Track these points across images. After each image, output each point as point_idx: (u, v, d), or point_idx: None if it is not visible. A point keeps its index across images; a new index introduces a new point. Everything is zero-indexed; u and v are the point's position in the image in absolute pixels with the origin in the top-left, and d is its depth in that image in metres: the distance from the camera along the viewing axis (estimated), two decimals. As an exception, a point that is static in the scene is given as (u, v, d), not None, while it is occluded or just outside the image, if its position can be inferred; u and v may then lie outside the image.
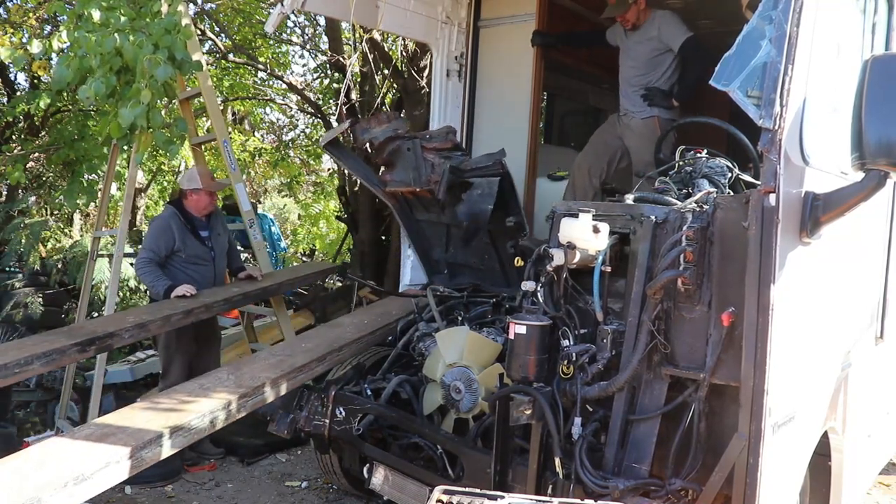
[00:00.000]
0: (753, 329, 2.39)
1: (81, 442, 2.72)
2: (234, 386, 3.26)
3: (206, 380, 3.40)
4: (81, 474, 2.44)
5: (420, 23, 5.22)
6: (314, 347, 3.85)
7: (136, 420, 2.89)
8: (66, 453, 2.61)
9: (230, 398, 3.12)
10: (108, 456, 2.56)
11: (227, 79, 10.73)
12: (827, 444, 3.12)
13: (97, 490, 2.52)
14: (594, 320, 2.91)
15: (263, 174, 14.69)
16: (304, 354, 3.72)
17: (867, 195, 2.42)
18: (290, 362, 3.58)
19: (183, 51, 4.33)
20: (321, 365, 3.73)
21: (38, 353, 3.57)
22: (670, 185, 3.11)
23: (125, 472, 2.61)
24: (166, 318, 4.26)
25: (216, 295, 4.73)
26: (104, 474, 2.52)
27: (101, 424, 2.90)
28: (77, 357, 3.92)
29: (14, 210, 9.20)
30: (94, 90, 4.12)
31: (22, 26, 7.78)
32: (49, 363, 3.67)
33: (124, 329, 4.03)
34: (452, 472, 3.39)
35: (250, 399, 3.23)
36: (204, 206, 5.03)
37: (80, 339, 3.80)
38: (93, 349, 3.91)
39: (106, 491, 4.48)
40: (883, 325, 3.57)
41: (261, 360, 3.68)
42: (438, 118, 5.49)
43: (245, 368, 3.53)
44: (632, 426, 2.78)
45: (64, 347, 3.70)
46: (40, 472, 2.46)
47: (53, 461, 2.54)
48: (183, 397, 3.15)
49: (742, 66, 2.40)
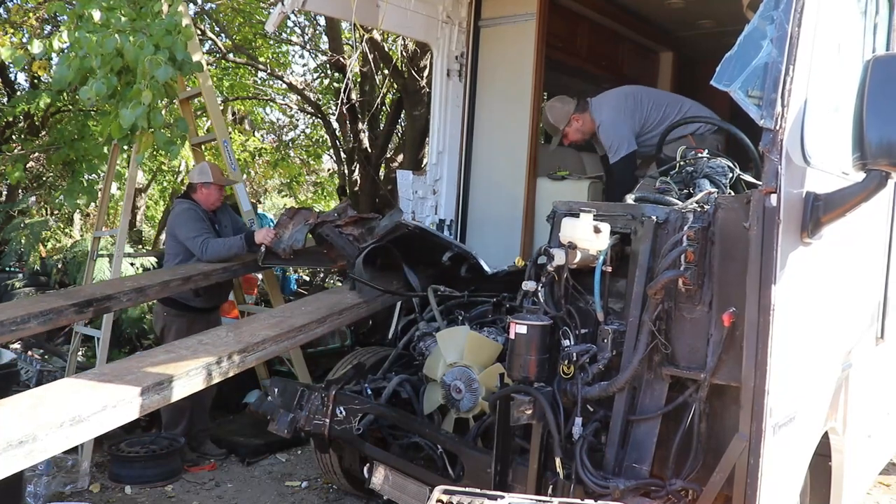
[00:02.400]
0: (754, 329, 2.39)
1: (82, 385, 2.73)
2: (233, 342, 3.25)
3: (205, 336, 3.39)
4: (78, 415, 2.44)
5: (420, 22, 5.22)
6: (314, 310, 3.83)
7: (136, 369, 2.89)
8: (65, 395, 2.62)
9: (230, 351, 3.12)
10: (105, 400, 2.56)
11: (227, 79, 10.73)
12: (827, 445, 3.12)
13: (94, 432, 2.55)
14: (595, 320, 2.91)
15: (263, 174, 14.69)
16: (303, 316, 3.71)
17: (868, 195, 2.42)
18: (290, 322, 3.57)
19: (183, 51, 4.33)
20: (321, 326, 3.71)
21: (35, 312, 3.56)
22: (671, 185, 3.11)
23: (122, 417, 2.62)
24: (165, 284, 4.26)
25: (215, 264, 4.81)
26: (101, 417, 2.52)
27: (103, 371, 2.93)
28: (74, 318, 3.88)
29: (14, 210, 9.21)
30: (95, 90, 4.12)
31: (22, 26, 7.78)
32: (46, 322, 3.65)
33: (122, 292, 4.03)
34: (452, 471, 3.39)
35: (249, 355, 3.21)
36: (213, 200, 5.11)
37: (77, 300, 3.79)
38: (90, 311, 3.90)
39: (106, 491, 4.54)
40: (883, 325, 3.57)
41: (260, 321, 3.67)
42: (438, 118, 5.49)
43: (244, 327, 3.53)
44: (632, 426, 2.78)
45: (61, 307, 3.69)
46: (38, 410, 2.47)
47: (53, 401, 2.56)
48: (182, 351, 3.14)
49: (743, 67, 2.41)
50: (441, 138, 5.47)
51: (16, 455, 2.25)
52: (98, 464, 4.85)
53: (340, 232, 4.50)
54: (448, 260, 4.07)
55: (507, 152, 5.40)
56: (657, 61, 6.87)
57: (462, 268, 4.10)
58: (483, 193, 5.58)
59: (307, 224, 4.65)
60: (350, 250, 4.40)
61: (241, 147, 12.33)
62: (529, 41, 5.24)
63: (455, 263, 4.10)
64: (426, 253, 4.19)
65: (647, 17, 6.23)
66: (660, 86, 6.76)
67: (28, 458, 2.30)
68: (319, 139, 12.80)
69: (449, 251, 4.06)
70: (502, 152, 5.46)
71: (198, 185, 5.08)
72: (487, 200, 5.56)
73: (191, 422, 5.07)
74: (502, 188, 5.46)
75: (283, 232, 4.74)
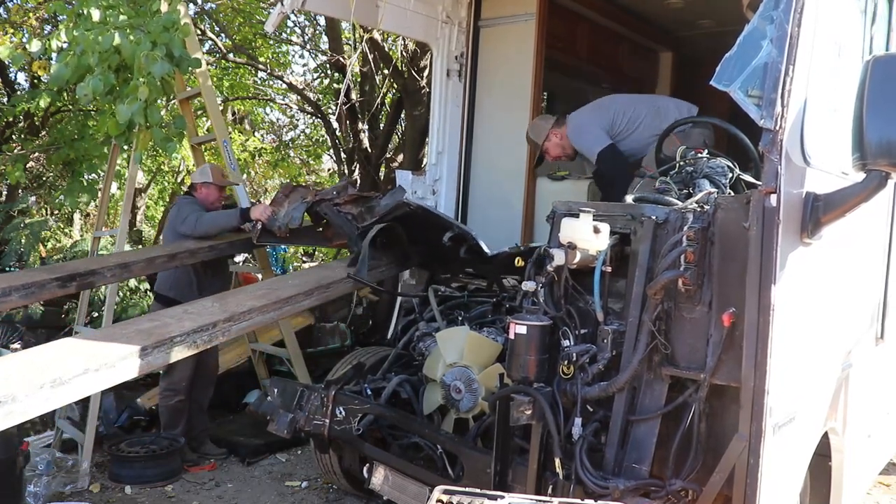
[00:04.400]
0: (754, 329, 2.39)
1: (67, 348, 2.75)
2: (219, 311, 3.23)
3: (190, 306, 3.38)
4: (59, 378, 2.45)
5: (420, 22, 5.22)
6: (301, 283, 3.80)
7: (121, 335, 2.89)
8: (48, 358, 2.63)
9: (215, 319, 3.10)
10: (87, 363, 2.56)
11: (227, 79, 10.73)
12: (827, 445, 3.12)
13: (75, 395, 2.55)
14: (594, 320, 2.90)
15: (263, 174, 14.68)
16: (291, 288, 3.67)
17: (868, 196, 2.42)
18: (277, 294, 3.54)
19: (181, 48, 4.33)
20: (308, 299, 3.68)
21: (17, 285, 3.52)
22: (671, 185, 3.10)
23: (104, 381, 2.63)
24: (150, 260, 4.22)
25: (202, 242, 4.78)
26: (82, 380, 2.53)
27: (88, 336, 2.93)
28: (57, 292, 3.83)
29: (14, 210, 9.20)
30: (93, 88, 4.12)
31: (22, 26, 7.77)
32: (28, 296, 3.62)
33: (106, 268, 3.99)
34: (452, 472, 3.39)
35: (235, 324, 3.19)
36: (213, 200, 5.12)
37: (60, 274, 3.76)
38: (73, 285, 3.85)
39: (106, 491, 4.54)
40: (883, 325, 3.57)
41: (247, 293, 3.65)
42: (438, 118, 5.49)
43: (230, 298, 3.51)
44: (632, 426, 2.78)
45: (44, 281, 3.65)
46: (19, 372, 2.48)
47: (35, 363, 2.56)
48: (167, 319, 3.13)
49: (743, 67, 2.40)
50: (441, 138, 5.48)
51: None
52: (98, 464, 4.85)
53: (339, 210, 4.43)
54: (449, 240, 4.01)
55: (507, 152, 5.40)
56: (657, 61, 6.87)
57: (461, 249, 4.03)
58: (483, 193, 5.58)
59: (304, 202, 4.57)
60: (349, 229, 4.33)
61: (241, 147, 12.33)
62: (529, 41, 5.24)
63: (455, 244, 4.03)
64: (427, 233, 4.13)
65: (647, 18, 6.24)
66: (660, 86, 6.77)
67: (7, 418, 2.31)
68: (319, 139, 12.81)
69: (450, 231, 4.00)
70: (502, 152, 5.47)
71: (198, 184, 5.12)
72: (487, 200, 5.56)
73: (189, 422, 5.07)
74: (502, 188, 5.46)
75: (279, 209, 4.66)
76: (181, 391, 4.94)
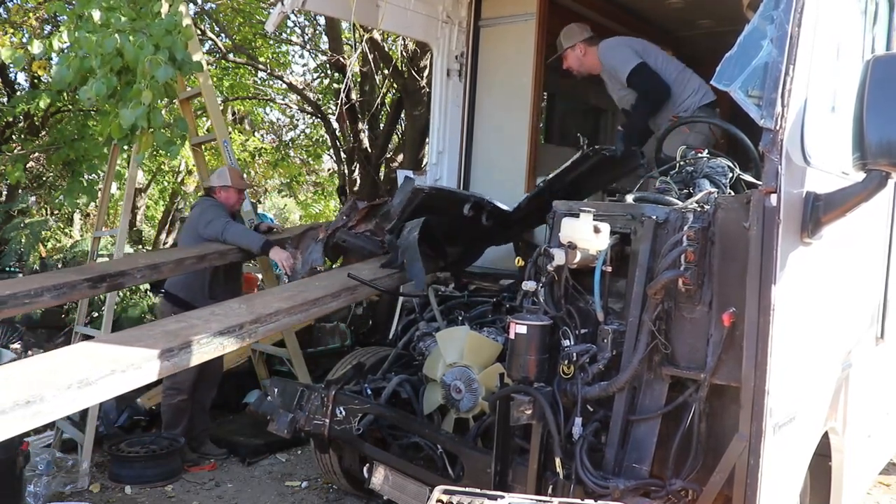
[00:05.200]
0: (754, 329, 2.39)
1: (93, 350, 2.75)
2: (246, 313, 3.23)
3: (217, 308, 3.38)
4: (86, 378, 2.45)
5: (420, 22, 5.22)
6: (328, 284, 3.81)
7: (146, 336, 2.90)
8: (75, 358, 2.65)
9: (242, 321, 3.10)
10: (114, 364, 2.56)
11: (227, 79, 10.73)
12: (827, 445, 3.12)
13: (102, 396, 2.55)
14: (595, 320, 2.90)
15: (263, 174, 14.69)
16: (318, 290, 3.68)
17: (868, 195, 2.42)
18: (304, 296, 3.55)
19: (183, 51, 4.33)
20: (336, 301, 3.69)
21: (49, 286, 3.55)
22: (671, 185, 3.11)
23: (131, 382, 2.62)
24: (179, 262, 4.25)
25: (230, 245, 4.83)
26: (109, 381, 2.52)
27: (114, 337, 2.95)
28: (87, 293, 3.88)
29: (14, 210, 9.21)
30: (95, 91, 4.12)
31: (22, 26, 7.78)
32: (59, 296, 3.66)
33: (136, 269, 4.04)
34: (452, 472, 3.39)
35: (262, 325, 3.19)
36: (233, 202, 5.19)
37: (90, 276, 3.79)
38: (104, 286, 3.89)
39: (106, 491, 4.54)
40: (883, 325, 3.57)
41: (273, 294, 3.68)
42: (438, 118, 5.49)
43: (257, 300, 3.53)
44: (632, 426, 2.78)
45: (75, 282, 3.68)
46: (47, 372, 2.48)
47: (62, 364, 2.57)
48: (193, 321, 3.13)
49: (743, 66, 2.40)
50: (441, 138, 5.47)
51: (23, 415, 2.25)
52: (98, 464, 4.85)
53: (356, 233, 4.46)
54: (470, 210, 4.01)
55: (507, 152, 5.40)
56: (657, 61, 6.85)
57: (482, 216, 4.05)
58: (483, 193, 5.57)
59: (319, 241, 4.61)
60: (372, 246, 4.35)
61: (241, 147, 12.34)
62: (529, 41, 5.24)
63: (477, 214, 4.04)
64: (448, 215, 4.11)
65: (647, 17, 6.22)
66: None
67: (35, 418, 2.30)
68: (319, 139, 12.81)
69: (468, 203, 4.01)
70: (502, 152, 5.47)
71: (217, 188, 5.16)
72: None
73: (191, 422, 5.07)
74: (502, 188, 5.45)
75: (296, 261, 4.71)
76: (185, 390, 4.94)
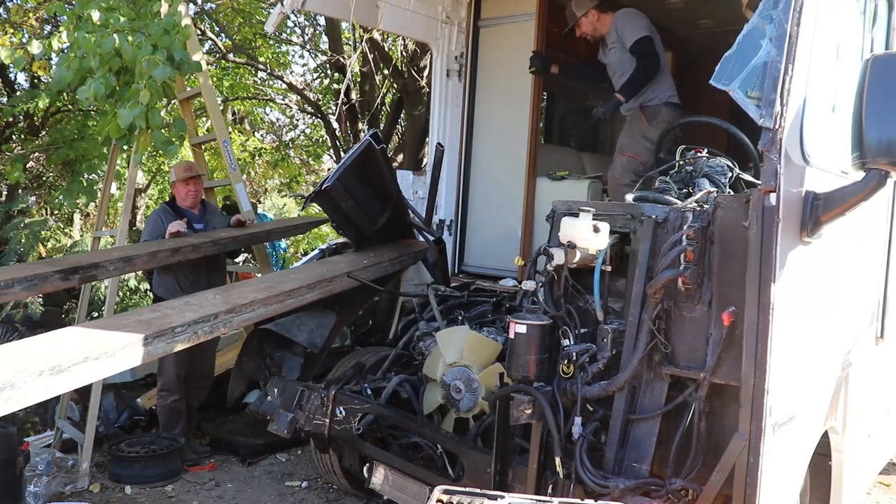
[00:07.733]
0: (754, 328, 2.39)
1: (67, 337, 2.75)
2: (220, 303, 3.23)
3: (192, 298, 3.39)
4: (59, 365, 2.46)
5: (420, 22, 5.23)
6: (304, 277, 3.82)
7: (121, 325, 2.89)
8: (49, 346, 2.64)
9: (216, 311, 3.11)
10: (87, 352, 2.57)
11: (227, 79, 10.75)
12: (827, 444, 3.12)
13: (74, 383, 2.55)
14: (594, 320, 2.91)
15: (263, 174, 14.70)
16: (293, 281, 3.70)
17: (868, 194, 2.42)
18: (280, 287, 3.56)
19: (182, 51, 4.33)
20: (311, 292, 3.69)
21: (20, 277, 3.52)
22: (671, 184, 3.11)
23: (104, 370, 2.63)
24: (152, 254, 4.21)
25: (206, 237, 4.74)
26: (81, 369, 2.54)
27: (89, 325, 2.94)
28: (59, 284, 3.82)
29: (14, 210, 9.21)
30: (94, 91, 4.12)
31: (22, 26, 7.78)
32: (31, 288, 3.62)
33: (109, 261, 3.99)
34: (452, 471, 3.38)
35: (236, 315, 3.19)
36: (184, 195, 5.04)
37: (62, 267, 3.76)
38: (76, 278, 3.84)
39: (106, 491, 4.54)
40: (883, 324, 3.57)
41: (249, 285, 3.67)
42: (438, 118, 5.49)
43: (233, 291, 3.52)
44: (632, 426, 2.78)
45: (46, 273, 3.65)
46: (20, 359, 2.49)
47: (35, 351, 2.58)
48: (168, 311, 3.14)
49: (742, 66, 2.40)
50: (441, 138, 5.47)
51: None
52: (98, 464, 4.85)
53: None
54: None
55: (507, 152, 5.41)
56: (657, 61, 6.85)
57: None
58: (483, 193, 5.58)
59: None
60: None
61: (241, 147, 12.34)
62: (529, 41, 5.24)
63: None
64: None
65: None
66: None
67: (7, 403, 2.32)
68: (319, 139, 12.82)
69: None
70: (502, 152, 5.47)
71: (173, 185, 5.12)
72: (487, 200, 5.56)
73: (188, 423, 5.06)
74: (502, 188, 5.46)
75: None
76: (175, 391, 4.93)
